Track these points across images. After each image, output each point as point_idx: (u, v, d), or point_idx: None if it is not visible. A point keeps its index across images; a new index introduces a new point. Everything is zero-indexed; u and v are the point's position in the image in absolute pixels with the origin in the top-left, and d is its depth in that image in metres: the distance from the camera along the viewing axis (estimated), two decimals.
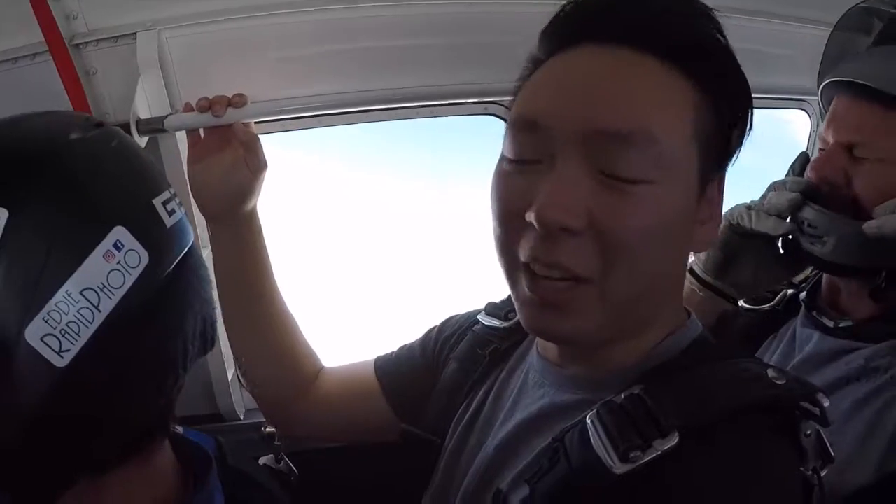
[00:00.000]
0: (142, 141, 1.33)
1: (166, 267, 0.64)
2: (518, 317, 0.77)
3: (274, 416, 1.21)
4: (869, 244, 1.02)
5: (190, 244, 0.70)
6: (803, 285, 1.26)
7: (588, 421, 0.68)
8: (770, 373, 0.68)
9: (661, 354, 0.77)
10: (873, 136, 1.06)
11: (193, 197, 1.19)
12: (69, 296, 0.55)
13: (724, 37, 0.72)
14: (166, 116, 1.33)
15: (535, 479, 0.70)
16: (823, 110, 1.23)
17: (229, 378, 1.72)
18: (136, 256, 0.60)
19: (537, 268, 0.69)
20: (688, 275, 1.28)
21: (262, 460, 1.27)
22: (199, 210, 1.19)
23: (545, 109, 0.69)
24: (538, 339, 0.88)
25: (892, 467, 0.92)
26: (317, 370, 1.19)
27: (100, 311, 0.57)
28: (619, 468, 0.63)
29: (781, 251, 1.21)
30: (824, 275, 1.20)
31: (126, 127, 1.30)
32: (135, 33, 1.33)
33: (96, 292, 0.57)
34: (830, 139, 1.12)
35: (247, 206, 1.17)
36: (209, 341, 0.73)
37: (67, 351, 0.56)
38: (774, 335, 1.26)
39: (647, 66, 0.69)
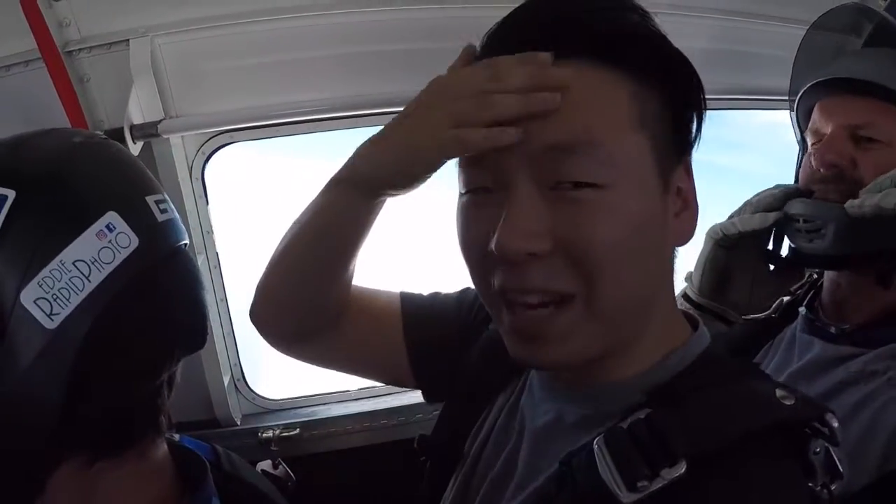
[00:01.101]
0: (136, 147, 1.33)
1: (156, 254, 0.70)
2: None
3: (291, 344, 1.04)
4: (869, 226, 1.00)
5: (182, 243, 0.75)
6: (799, 292, 1.23)
7: (595, 447, 0.66)
8: (778, 392, 0.66)
9: (668, 369, 0.74)
10: (883, 119, 1.04)
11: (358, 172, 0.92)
12: (62, 265, 0.63)
13: (651, 22, 0.69)
14: (160, 122, 1.33)
15: (542, 502, 0.69)
16: (797, 116, 1.21)
17: (225, 384, 1.72)
18: (127, 239, 0.67)
19: (515, 296, 0.67)
20: (681, 299, 1.26)
21: (259, 465, 1.27)
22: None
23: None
24: None
25: (890, 468, 0.91)
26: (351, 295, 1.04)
27: (90, 282, 0.64)
28: (627, 497, 0.61)
29: (775, 260, 1.19)
30: (825, 279, 1.16)
31: (120, 133, 1.31)
32: (127, 40, 1.33)
33: (87, 264, 0.64)
34: (829, 127, 1.08)
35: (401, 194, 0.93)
36: (199, 339, 0.77)
37: (57, 314, 0.62)
38: (770, 342, 1.23)
39: (572, 70, 0.66)
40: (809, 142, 1.14)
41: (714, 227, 1.17)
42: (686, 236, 0.74)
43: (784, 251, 1.19)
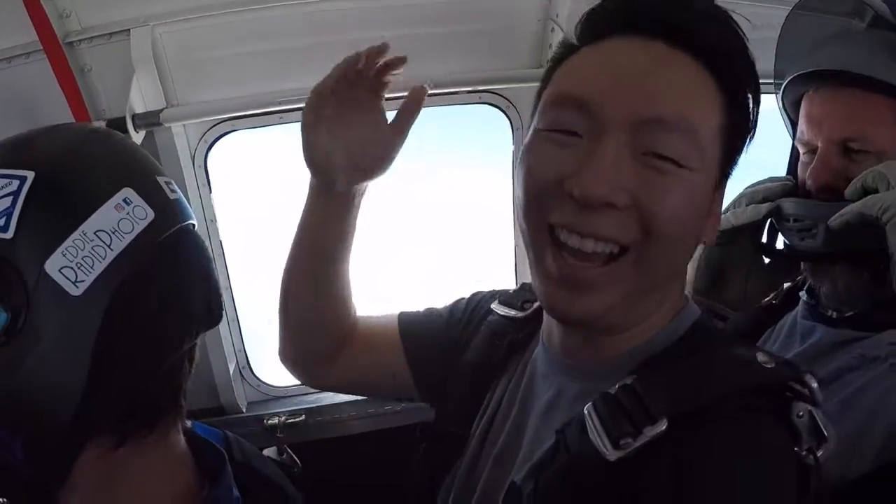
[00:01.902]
0: (138, 136, 1.34)
1: (169, 226, 0.72)
2: (537, 299, 0.79)
3: (308, 370, 1.14)
4: (859, 227, 1.00)
5: (191, 222, 0.78)
6: (799, 278, 1.22)
7: (585, 412, 0.70)
8: (759, 356, 0.70)
9: (661, 341, 0.79)
10: (873, 127, 1.02)
11: (312, 166, 0.98)
12: (84, 235, 0.66)
13: (748, 49, 0.75)
14: (161, 111, 1.33)
15: (540, 472, 0.72)
16: (783, 102, 1.19)
17: (231, 371, 1.73)
18: (143, 211, 0.70)
19: (567, 236, 0.71)
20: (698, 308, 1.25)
21: (265, 452, 1.28)
22: (316, 178, 0.99)
23: (596, 89, 0.71)
24: (543, 329, 0.89)
25: (892, 454, 0.92)
26: (356, 324, 1.11)
27: (112, 250, 0.67)
28: (612, 455, 0.65)
29: (770, 253, 1.19)
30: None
31: (122, 122, 1.31)
32: (128, 30, 1.33)
33: (108, 234, 0.67)
34: (819, 141, 1.07)
35: (367, 183, 1.02)
36: (215, 314, 0.79)
37: (82, 281, 0.65)
38: (772, 329, 1.23)
39: (685, 64, 0.72)
40: (801, 150, 1.14)
41: None
42: (711, 238, 0.81)
43: (779, 245, 1.18)
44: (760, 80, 0.77)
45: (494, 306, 1.00)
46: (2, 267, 0.63)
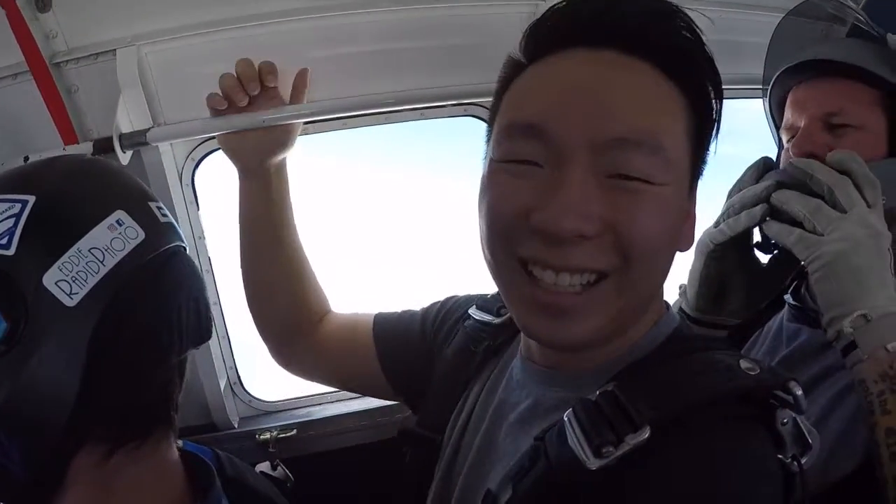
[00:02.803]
0: (125, 156, 1.34)
1: (159, 247, 0.79)
2: (513, 316, 0.78)
3: (277, 350, 1.26)
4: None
5: (182, 243, 0.84)
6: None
7: (565, 419, 0.69)
8: (743, 363, 0.68)
9: (641, 349, 0.78)
10: (854, 105, 1.07)
11: (227, 151, 1.23)
12: (80, 251, 0.72)
13: (704, 44, 0.73)
14: (148, 130, 1.34)
15: (518, 479, 0.70)
16: (770, 106, 1.23)
17: (222, 388, 1.73)
18: (135, 232, 0.77)
19: (541, 273, 0.70)
20: (677, 315, 1.25)
21: (258, 467, 1.28)
22: (233, 162, 1.23)
23: (549, 113, 0.69)
24: (522, 340, 0.88)
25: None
26: (324, 311, 1.24)
27: (104, 266, 0.73)
28: (593, 463, 0.63)
29: (767, 248, 1.17)
30: None
31: (109, 142, 1.31)
32: (114, 50, 1.33)
33: (102, 251, 0.73)
34: (803, 120, 1.11)
35: (278, 158, 1.22)
36: (205, 330, 0.85)
37: (76, 294, 0.71)
38: (759, 332, 1.25)
39: (641, 70, 0.70)
40: (784, 139, 1.16)
41: (702, 239, 1.15)
42: (690, 242, 0.80)
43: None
44: (724, 85, 0.75)
45: (472, 311, 1.01)
46: (3, 280, 0.69)
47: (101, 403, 0.75)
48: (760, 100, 1.29)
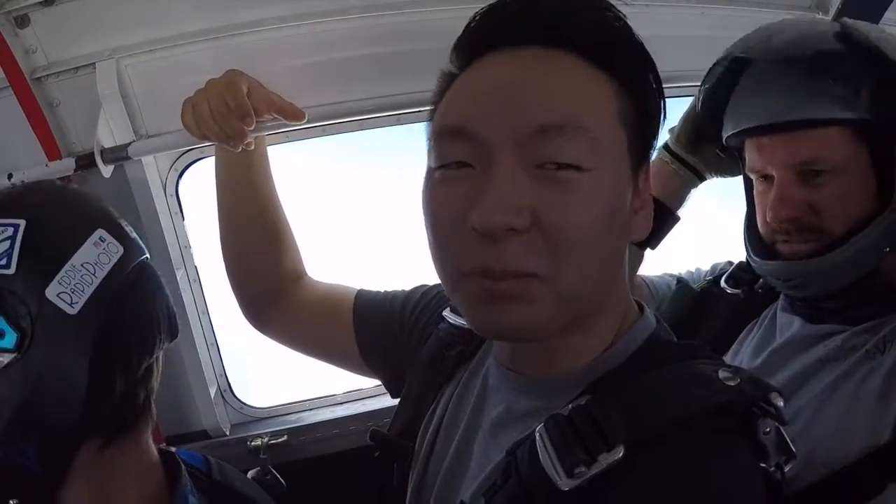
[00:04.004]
0: (107, 170, 1.35)
1: (133, 261, 0.89)
2: (466, 321, 0.76)
3: (253, 313, 1.27)
4: (847, 264, 1.02)
5: (147, 255, 0.93)
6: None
7: (537, 435, 0.67)
8: (722, 374, 0.67)
9: (615, 357, 0.76)
10: (830, 147, 1.00)
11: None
12: (74, 266, 0.81)
13: (631, 30, 0.73)
14: (129, 144, 1.34)
15: (490, 495, 0.69)
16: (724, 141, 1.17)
17: (212, 395, 1.73)
18: (116, 247, 0.86)
19: (486, 283, 0.67)
20: (662, 150, 1.29)
21: (249, 473, 1.29)
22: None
23: (472, 115, 0.69)
24: (495, 345, 0.88)
25: (875, 441, 0.92)
26: (298, 274, 1.25)
27: (96, 277, 0.82)
28: (565, 484, 0.62)
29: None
30: None
31: (91, 157, 1.32)
32: (94, 63, 1.34)
33: (92, 265, 0.83)
34: (773, 169, 1.06)
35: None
36: (174, 326, 0.95)
37: (77, 303, 0.80)
38: (755, 321, 1.25)
39: (564, 62, 0.70)
40: (752, 177, 1.13)
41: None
42: (643, 231, 0.78)
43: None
44: (664, 84, 0.75)
45: (446, 314, 1.00)
46: (8, 297, 0.78)
47: (104, 399, 0.83)
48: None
